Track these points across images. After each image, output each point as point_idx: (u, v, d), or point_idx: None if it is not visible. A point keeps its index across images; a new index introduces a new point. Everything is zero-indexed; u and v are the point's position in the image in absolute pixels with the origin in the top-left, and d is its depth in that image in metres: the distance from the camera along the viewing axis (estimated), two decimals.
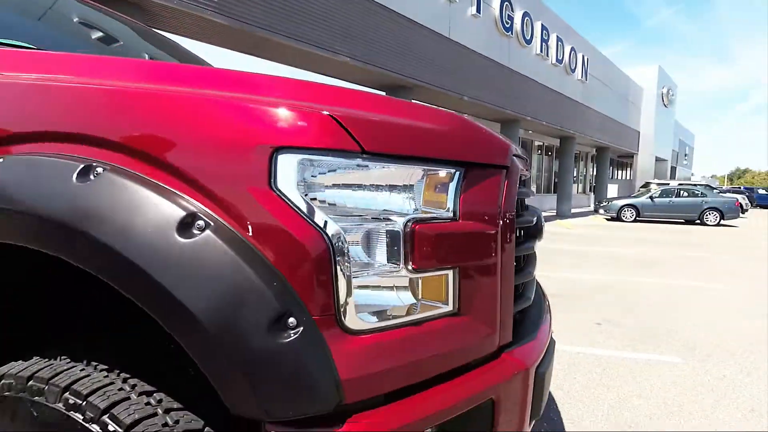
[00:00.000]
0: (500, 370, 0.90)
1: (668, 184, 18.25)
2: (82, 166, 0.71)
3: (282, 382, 0.64)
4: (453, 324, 0.84)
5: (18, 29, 1.31)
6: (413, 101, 0.85)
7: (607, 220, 16.60)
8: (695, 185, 17.77)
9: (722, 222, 15.60)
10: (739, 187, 43.09)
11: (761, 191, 37.52)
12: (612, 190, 25.39)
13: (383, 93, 10.57)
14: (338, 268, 0.69)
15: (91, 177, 0.69)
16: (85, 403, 0.74)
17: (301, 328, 0.65)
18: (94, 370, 0.81)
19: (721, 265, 7.27)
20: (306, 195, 0.70)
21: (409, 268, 0.77)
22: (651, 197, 16.31)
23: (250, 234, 0.67)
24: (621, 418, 2.31)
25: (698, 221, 15.70)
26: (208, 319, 0.62)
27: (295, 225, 0.68)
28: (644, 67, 30.25)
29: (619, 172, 33.30)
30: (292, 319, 0.65)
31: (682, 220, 16.17)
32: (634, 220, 16.04)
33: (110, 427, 0.71)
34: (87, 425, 0.72)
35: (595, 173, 26.64)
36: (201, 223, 0.66)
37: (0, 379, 0.81)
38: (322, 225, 0.69)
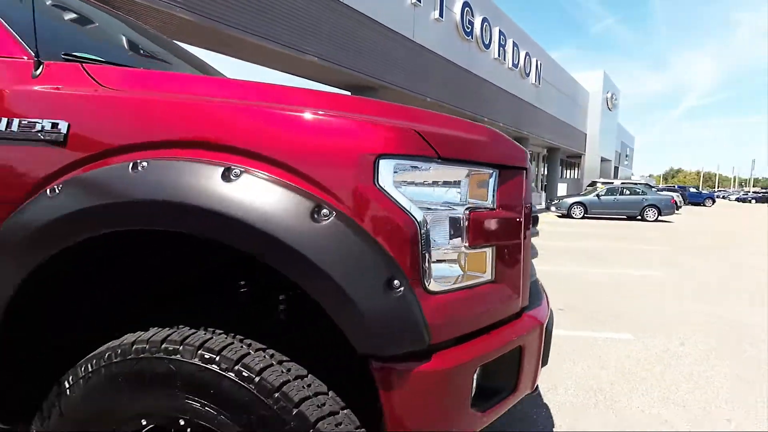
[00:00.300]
0: (524, 325, 1.17)
1: (612, 183, 19.62)
2: (223, 168, 0.90)
3: (391, 327, 0.87)
4: (492, 289, 1.09)
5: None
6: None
7: (559, 217, 17.62)
8: (636, 184, 19.24)
9: (660, 218, 17.02)
10: (674, 186, 46.74)
11: (692, 190, 41.05)
12: (561, 188, 26.86)
13: (348, 93, 10.75)
14: (422, 244, 0.93)
15: (232, 177, 0.89)
16: (218, 357, 0.93)
17: (402, 288, 0.88)
18: (213, 334, 1.00)
19: (660, 256, 8.07)
20: (399, 189, 0.93)
21: (465, 245, 1.02)
22: (598, 195, 17.50)
23: (362, 219, 0.90)
24: (588, 384, 2.68)
25: (639, 217, 17.03)
26: (342, 280, 0.84)
27: (392, 212, 0.91)
28: (591, 72, 32.07)
29: (568, 171, 35.21)
30: (396, 282, 0.88)
31: (625, 216, 17.48)
32: (583, 217, 17.15)
33: (244, 373, 0.91)
34: (224, 373, 0.91)
35: (546, 173, 28.04)
36: (326, 211, 0.88)
37: (132, 345, 0.98)
38: (411, 212, 0.93)
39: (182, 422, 0.96)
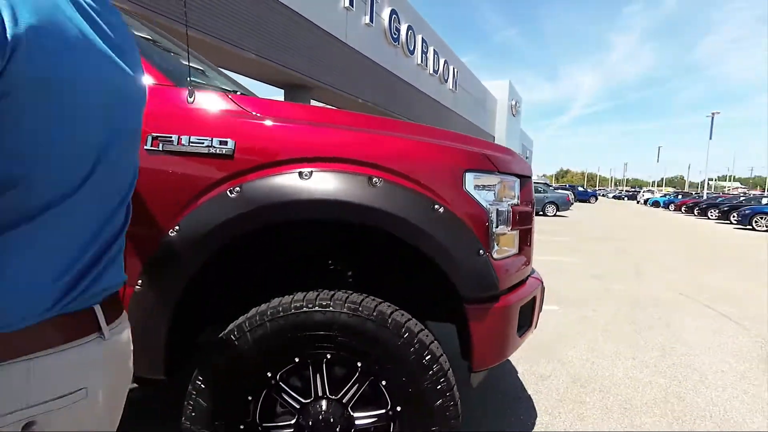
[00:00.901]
0: (534, 284, 1.73)
1: None
2: (367, 177, 1.32)
3: (481, 279, 1.36)
4: (518, 258, 1.63)
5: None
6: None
7: None
8: (537, 183, 21.63)
9: (558, 213, 19.37)
10: (566, 185, 52.60)
11: (580, 188, 46.62)
12: None
13: (283, 90, 10.86)
14: (491, 228, 1.43)
15: (375, 183, 1.31)
16: (360, 307, 1.34)
17: (485, 255, 1.38)
18: (346, 293, 1.40)
19: (566, 245, 9.46)
20: (476, 191, 1.42)
21: (509, 229, 1.53)
22: None
23: (458, 211, 1.37)
24: (534, 344, 3.38)
25: (541, 213, 19.21)
26: (453, 250, 1.31)
27: (474, 206, 1.40)
28: (498, 81, 34.93)
29: None
30: (481, 251, 1.37)
31: None
32: None
33: (380, 317, 1.33)
34: (367, 317, 1.33)
35: None
36: (437, 206, 1.34)
37: (291, 303, 1.34)
38: (484, 206, 1.42)
39: (329, 356, 1.35)
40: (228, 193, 1.30)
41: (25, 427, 0.58)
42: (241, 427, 1.37)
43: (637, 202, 45.60)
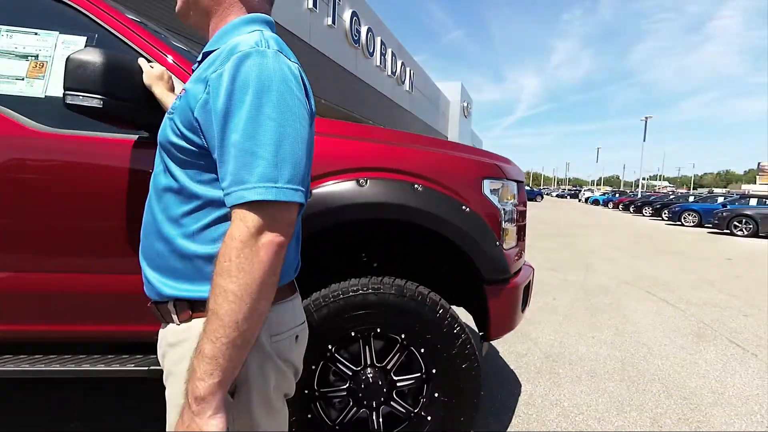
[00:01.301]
0: (528, 270, 2.10)
1: None
2: (410, 184, 1.62)
3: (497, 265, 1.70)
4: (516, 250, 1.99)
5: None
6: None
7: None
8: None
9: None
10: None
11: (527, 188, 49.15)
12: None
13: None
14: (502, 224, 1.78)
15: (417, 189, 1.62)
16: (404, 289, 1.64)
17: (500, 246, 1.72)
18: (393, 279, 1.69)
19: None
20: (491, 195, 1.76)
21: (512, 225, 1.89)
22: None
23: (480, 211, 1.70)
24: None
25: None
26: (480, 242, 1.64)
27: (490, 207, 1.74)
28: (451, 82, 36.01)
29: None
30: (497, 243, 1.72)
31: None
32: None
33: (419, 297, 1.64)
34: (410, 297, 1.63)
35: None
36: (464, 206, 1.67)
37: (349, 287, 1.62)
38: (498, 207, 1.77)
39: (378, 329, 1.65)
40: None
41: (294, 339, 0.93)
42: (306, 391, 1.63)
43: (579, 201, 48.66)
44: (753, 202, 17.21)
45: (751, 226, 14.37)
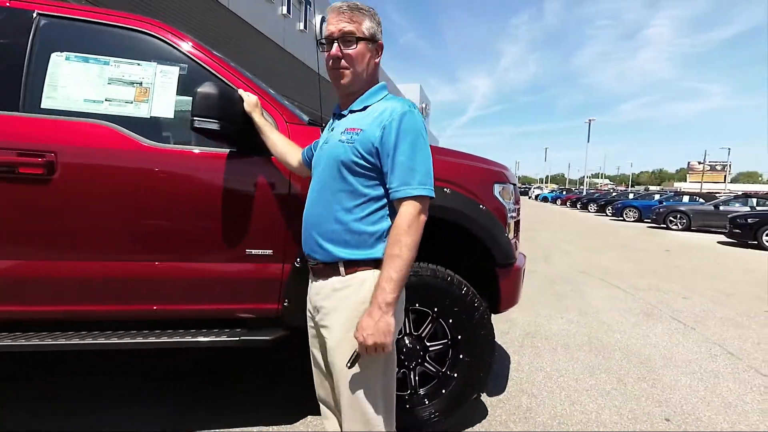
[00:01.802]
0: (522, 258, 2.58)
1: None
2: (441, 188, 2.04)
3: (507, 251, 2.16)
4: (515, 240, 2.47)
5: None
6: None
7: None
8: None
9: None
10: None
11: None
12: None
13: None
14: (509, 218, 2.24)
15: (446, 192, 2.04)
16: (437, 271, 2.06)
17: (507, 236, 2.19)
18: (427, 264, 2.10)
19: None
20: (499, 196, 2.22)
21: (513, 220, 2.36)
22: None
23: (492, 209, 2.16)
24: None
25: None
26: (495, 234, 2.09)
27: (500, 205, 2.20)
28: (410, 84, 36.81)
29: None
30: (506, 234, 2.18)
31: None
32: None
33: (449, 279, 2.07)
34: (442, 279, 2.05)
35: None
36: (481, 205, 2.11)
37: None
38: (505, 205, 2.23)
39: (417, 305, 2.06)
40: None
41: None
42: None
43: (529, 198, 51.04)
44: (686, 199, 19.03)
45: (684, 220, 15.94)
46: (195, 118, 1.57)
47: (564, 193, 44.31)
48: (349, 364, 1.22)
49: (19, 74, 1.76)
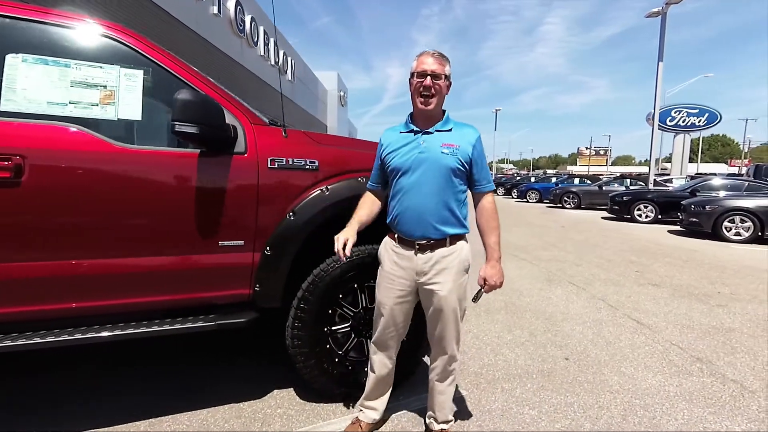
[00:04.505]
0: None
1: None
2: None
3: None
4: None
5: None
6: None
7: None
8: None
9: None
10: None
11: None
12: None
13: None
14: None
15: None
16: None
17: None
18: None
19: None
20: None
21: None
22: None
23: None
24: None
25: None
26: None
27: None
28: (328, 72, 36.47)
29: None
30: None
31: None
32: None
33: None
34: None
35: None
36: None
37: (352, 254, 2.33)
38: None
39: (372, 282, 2.38)
40: (321, 191, 2.20)
41: None
42: (324, 329, 2.30)
43: None
44: (576, 181, 21.51)
45: (576, 200, 18.10)
46: (176, 123, 1.73)
47: None
48: (474, 300, 1.99)
49: None
